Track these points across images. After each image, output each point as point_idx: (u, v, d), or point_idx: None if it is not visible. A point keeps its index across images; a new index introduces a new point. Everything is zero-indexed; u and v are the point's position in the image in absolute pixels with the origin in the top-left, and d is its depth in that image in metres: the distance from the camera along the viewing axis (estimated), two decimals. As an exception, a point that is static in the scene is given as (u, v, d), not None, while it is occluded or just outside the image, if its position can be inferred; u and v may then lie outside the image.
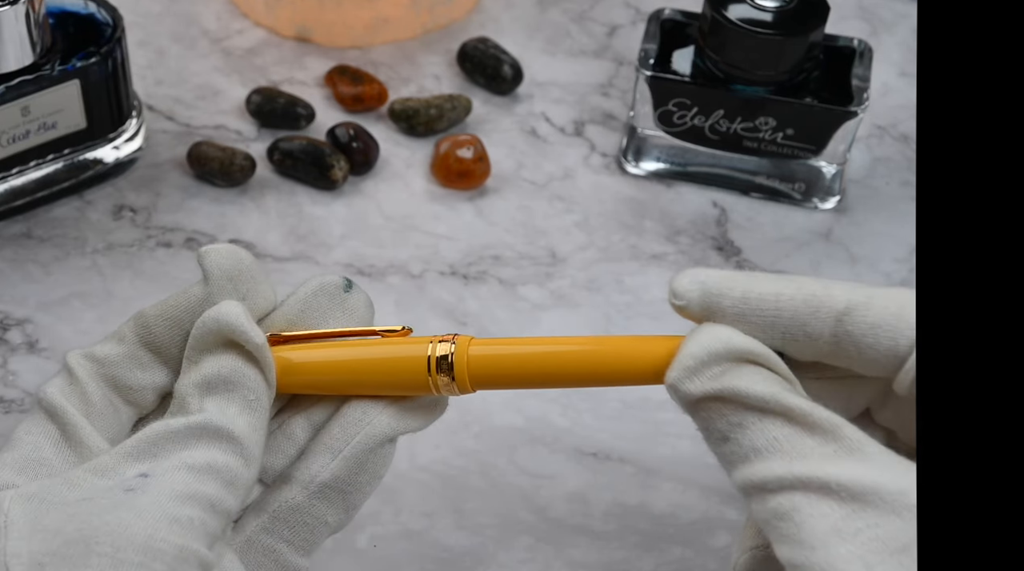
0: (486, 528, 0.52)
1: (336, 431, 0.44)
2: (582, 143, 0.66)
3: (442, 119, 0.65)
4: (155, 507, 0.38)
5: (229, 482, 0.40)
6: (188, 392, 0.42)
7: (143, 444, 0.41)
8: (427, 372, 0.43)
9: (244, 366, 0.42)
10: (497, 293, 0.60)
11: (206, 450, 0.40)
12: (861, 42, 0.63)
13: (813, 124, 0.61)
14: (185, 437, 0.41)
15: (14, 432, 0.43)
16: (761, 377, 0.40)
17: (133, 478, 0.39)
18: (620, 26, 0.72)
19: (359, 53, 0.69)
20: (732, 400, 0.40)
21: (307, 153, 0.63)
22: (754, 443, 0.39)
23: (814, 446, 0.39)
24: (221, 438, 0.41)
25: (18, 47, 0.56)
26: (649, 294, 0.60)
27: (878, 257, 0.62)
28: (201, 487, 0.40)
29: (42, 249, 0.60)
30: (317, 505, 0.44)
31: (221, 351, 0.43)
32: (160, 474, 0.40)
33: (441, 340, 0.44)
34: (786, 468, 0.38)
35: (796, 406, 0.39)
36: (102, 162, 0.62)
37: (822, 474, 0.38)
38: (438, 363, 0.43)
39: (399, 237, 0.62)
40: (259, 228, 0.62)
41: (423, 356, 0.44)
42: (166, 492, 0.39)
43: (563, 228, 0.63)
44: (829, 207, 0.64)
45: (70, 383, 0.44)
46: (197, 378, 0.43)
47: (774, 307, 0.41)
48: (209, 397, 0.42)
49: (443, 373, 0.43)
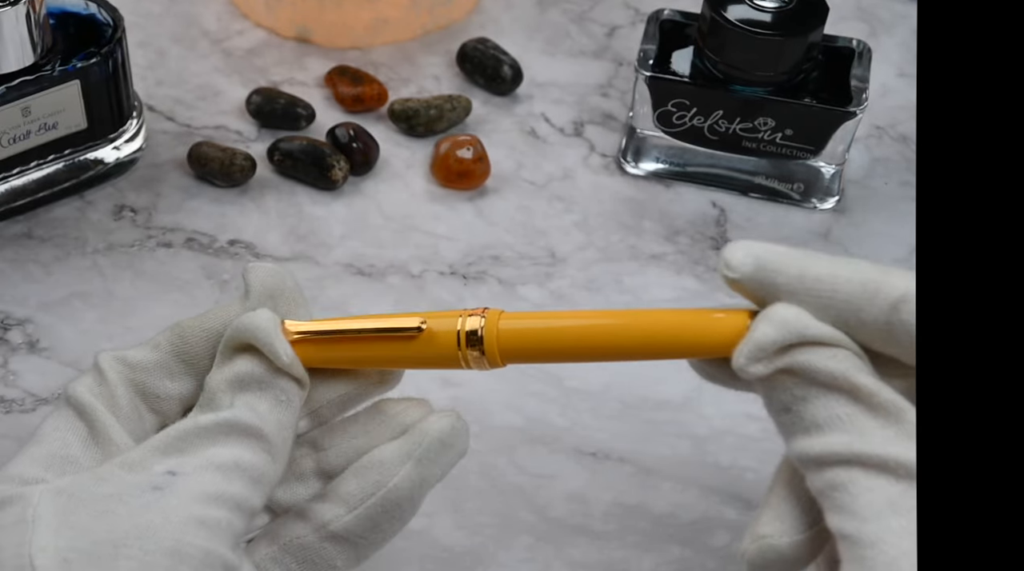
0: (486, 528, 0.52)
1: (352, 483, 0.44)
2: (582, 143, 0.66)
3: (442, 119, 0.65)
4: (182, 508, 0.39)
5: (255, 480, 0.41)
6: (219, 388, 0.43)
7: (172, 440, 0.41)
8: (456, 347, 0.43)
9: (275, 369, 0.43)
10: (497, 293, 0.60)
11: (234, 447, 0.41)
12: (860, 43, 0.63)
13: (812, 124, 0.61)
14: (213, 433, 0.41)
15: (40, 427, 0.43)
16: (831, 354, 0.40)
17: (161, 475, 0.40)
18: (619, 27, 0.72)
19: (359, 54, 0.70)
20: (800, 374, 0.40)
21: (307, 153, 0.63)
22: (816, 417, 0.39)
23: (876, 427, 0.39)
24: (249, 435, 0.41)
25: (19, 47, 0.56)
26: (648, 294, 0.60)
27: (877, 257, 0.62)
28: (227, 487, 0.40)
29: (43, 249, 0.60)
30: (328, 548, 0.43)
31: (254, 353, 0.43)
32: (188, 472, 0.40)
33: (471, 314, 0.43)
34: (846, 445, 0.39)
35: (863, 385, 0.39)
36: (103, 162, 0.62)
37: (882, 452, 0.38)
38: (468, 337, 0.43)
39: (399, 237, 0.62)
40: (259, 228, 0.62)
41: (453, 330, 0.43)
42: (193, 492, 0.39)
43: (563, 228, 0.63)
44: (828, 207, 0.64)
45: (99, 383, 0.44)
46: (229, 374, 0.43)
47: (830, 289, 0.40)
48: (240, 394, 0.42)
49: (473, 347, 0.43)
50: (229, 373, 0.43)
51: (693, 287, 0.61)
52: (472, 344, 0.43)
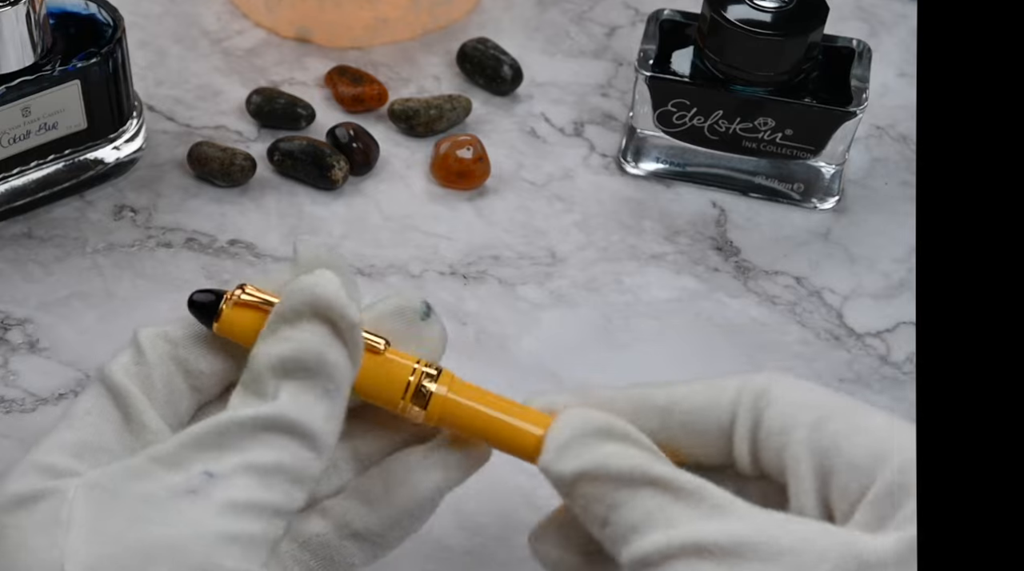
0: (486, 528, 0.52)
1: (378, 484, 0.43)
2: (582, 143, 0.66)
3: (442, 119, 0.65)
4: (215, 521, 0.38)
5: (297, 480, 0.39)
6: (263, 370, 0.40)
7: (210, 435, 0.39)
8: (401, 396, 0.43)
9: (327, 348, 0.40)
10: (497, 293, 0.60)
11: (275, 447, 0.39)
12: (860, 42, 0.63)
13: (812, 124, 0.61)
14: (255, 430, 0.39)
15: (72, 408, 0.42)
16: (624, 450, 0.40)
17: (197, 476, 0.39)
18: (619, 26, 0.72)
19: (359, 53, 0.70)
20: (602, 478, 0.40)
21: (307, 153, 0.63)
22: (630, 520, 0.39)
23: (683, 510, 0.39)
24: (293, 432, 0.39)
25: (19, 48, 0.56)
26: (648, 294, 0.60)
27: (877, 257, 0.62)
28: (266, 493, 0.39)
29: (43, 249, 0.60)
30: (347, 546, 0.43)
31: (306, 325, 0.41)
32: (225, 474, 0.39)
33: (426, 368, 0.43)
34: (663, 538, 0.39)
35: (660, 475, 0.40)
36: (103, 162, 0.62)
37: (696, 537, 0.38)
38: (416, 392, 0.43)
39: (399, 237, 0.62)
40: (259, 228, 0.62)
41: (404, 376, 0.43)
42: (229, 499, 0.38)
43: (562, 228, 0.63)
44: (828, 207, 0.64)
45: (136, 363, 0.42)
46: (275, 356, 0.40)
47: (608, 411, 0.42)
48: (285, 381, 0.40)
49: (416, 403, 0.43)
50: (276, 352, 0.40)
51: (693, 287, 0.61)
52: (416, 401, 0.43)
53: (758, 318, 0.60)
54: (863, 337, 0.59)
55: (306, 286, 0.41)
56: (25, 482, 0.39)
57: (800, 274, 0.62)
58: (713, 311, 0.60)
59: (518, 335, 0.58)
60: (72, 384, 0.56)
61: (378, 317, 0.44)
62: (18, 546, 0.38)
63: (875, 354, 0.59)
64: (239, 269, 0.60)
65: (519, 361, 0.57)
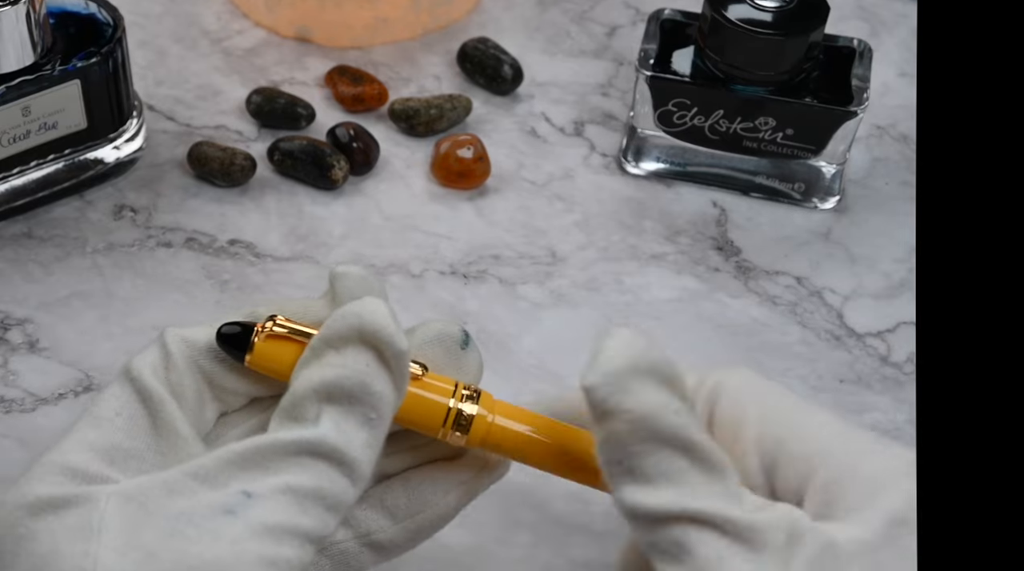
0: (486, 528, 0.52)
1: (402, 498, 0.43)
2: (582, 143, 0.66)
3: (442, 119, 0.65)
4: (252, 544, 0.37)
5: (332, 507, 0.39)
6: (306, 394, 0.40)
7: (251, 454, 0.39)
8: (441, 422, 0.42)
9: (372, 376, 0.40)
10: (497, 293, 0.60)
11: (314, 472, 0.39)
12: (861, 42, 0.63)
13: (813, 124, 0.61)
14: (295, 454, 0.39)
15: (96, 405, 0.41)
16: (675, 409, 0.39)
17: (235, 495, 0.38)
18: (620, 26, 0.72)
19: (359, 53, 0.69)
20: (639, 427, 0.39)
21: (307, 153, 0.63)
22: (647, 470, 0.39)
23: (704, 484, 0.39)
24: (332, 460, 0.39)
25: (19, 47, 0.56)
26: (649, 294, 0.60)
27: (877, 257, 0.62)
28: (302, 518, 0.38)
29: (43, 249, 0.60)
30: (366, 554, 0.43)
31: (351, 351, 0.40)
32: (264, 495, 0.38)
33: (464, 392, 0.43)
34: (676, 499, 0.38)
35: (699, 442, 0.39)
36: (102, 162, 0.62)
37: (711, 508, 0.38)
38: (456, 418, 0.42)
39: (399, 237, 0.62)
40: (259, 228, 0.62)
41: (444, 403, 0.42)
42: (266, 522, 0.38)
43: (563, 228, 0.63)
44: (829, 207, 0.64)
45: (164, 364, 0.42)
46: (318, 380, 0.40)
47: None
48: (328, 407, 0.40)
49: (457, 429, 0.42)
50: (318, 377, 0.40)
51: (693, 287, 0.61)
52: (459, 427, 0.42)
53: (759, 318, 0.60)
54: (864, 337, 0.59)
55: (353, 312, 0.40)
56: (53, 484, 0.39)
57: (801, 274, 0.61)
58: (714, 311, 0.60)
59: (518, 335, 0.58)
60: (72, 384, 0.56)
61: (418, 345, 0.44)
62: (51, 551, 0.37)
63: (876, 354, 0.59)
64: (239, 269, 0.60)
65: (519, 361, 0.57)
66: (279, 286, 0.59)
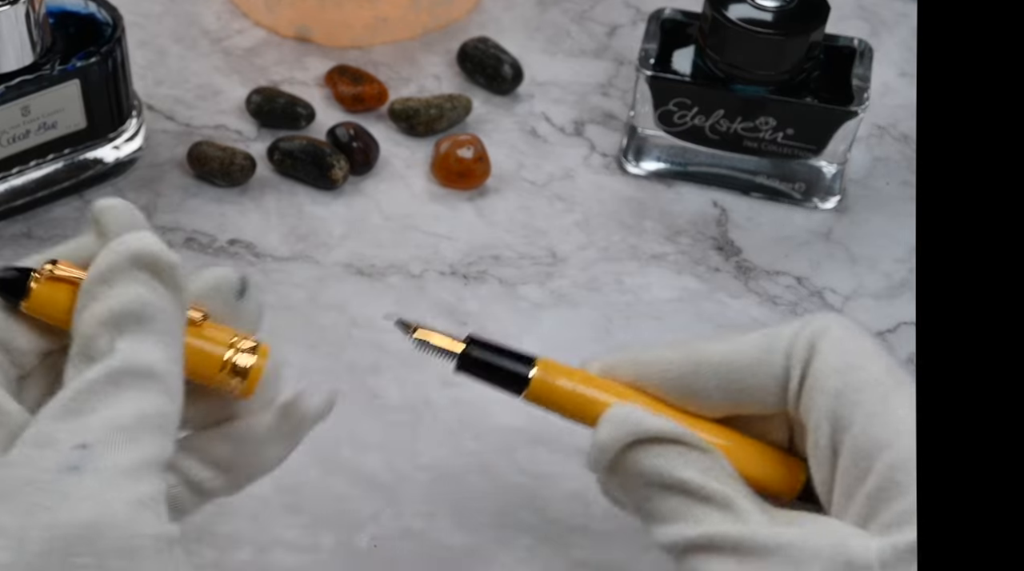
0: (486, 528, 0.52)
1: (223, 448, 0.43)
2: (582, 143, 0.66)
3: (442, 119, 0.65)
4: (112, 493, 0.36)
5: (161, 428, 0.39)
6: (94, 330, 0.39)
7: (67, 403, 0.38)
8: (219, 369, 0.42)
9: (155, 295, 0.40)
10: (497, 293, 0.60)
11: (131, 399, 0.38)
12: (861, 42, 0.63)
13: (813, 124, 0.61)
14: (106, 387, 0.38)
15: None
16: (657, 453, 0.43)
17: (72, 452, 0.37)
18: (620, 26, 0.72)
19: (359, 53, 0.69)
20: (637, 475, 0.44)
21: (307, 153, 0.63)
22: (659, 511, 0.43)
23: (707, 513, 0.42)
24: (142, 378, 0.39)
25: (18, 47, 0.56)
26: (649, 294, 0.60)
27: (878, 257, 0.62)
28: (141, 450, 0.38)
29: (43, 249, 0.60)
30: (197, 500, 0.44)
31: (126, 278, 0.40)
32: (99, 441, 0.37)
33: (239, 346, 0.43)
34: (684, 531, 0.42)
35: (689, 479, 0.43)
36: (102, 162, 0.62)
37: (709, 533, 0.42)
38: (233, 366, 0.42)
39: (399, 237, 0.62)
40: (259, 228, 0.62)
41: (221, 353, 0.42)
42: (115, 468, 0.37)
43: (563, 228, 0.63)
44: (829, 207, 0.64)
45: None
46: (103, 313, 0.39)
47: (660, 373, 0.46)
48: (120, 335, 0.39)
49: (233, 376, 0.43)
50: (102, 311, 0.39)
51: (694, 287, 0.61)
52: (235, 373, 0.42)
53: (759, 318, 0.60)
54: (864, 337, 0.59)
55: (120, 243, 0.41)
56: None
57: (801, 274, 0.61)
58: (714, 311, 0.60)
59: (519, 335, 0.58)
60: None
61: (195, 294, 0.43)
62: None
63: (876, 354, 0.59)
64: (239, 269, 0.60)
65: (519, 361, 0.57)
66: (279, 286, 0.59)
